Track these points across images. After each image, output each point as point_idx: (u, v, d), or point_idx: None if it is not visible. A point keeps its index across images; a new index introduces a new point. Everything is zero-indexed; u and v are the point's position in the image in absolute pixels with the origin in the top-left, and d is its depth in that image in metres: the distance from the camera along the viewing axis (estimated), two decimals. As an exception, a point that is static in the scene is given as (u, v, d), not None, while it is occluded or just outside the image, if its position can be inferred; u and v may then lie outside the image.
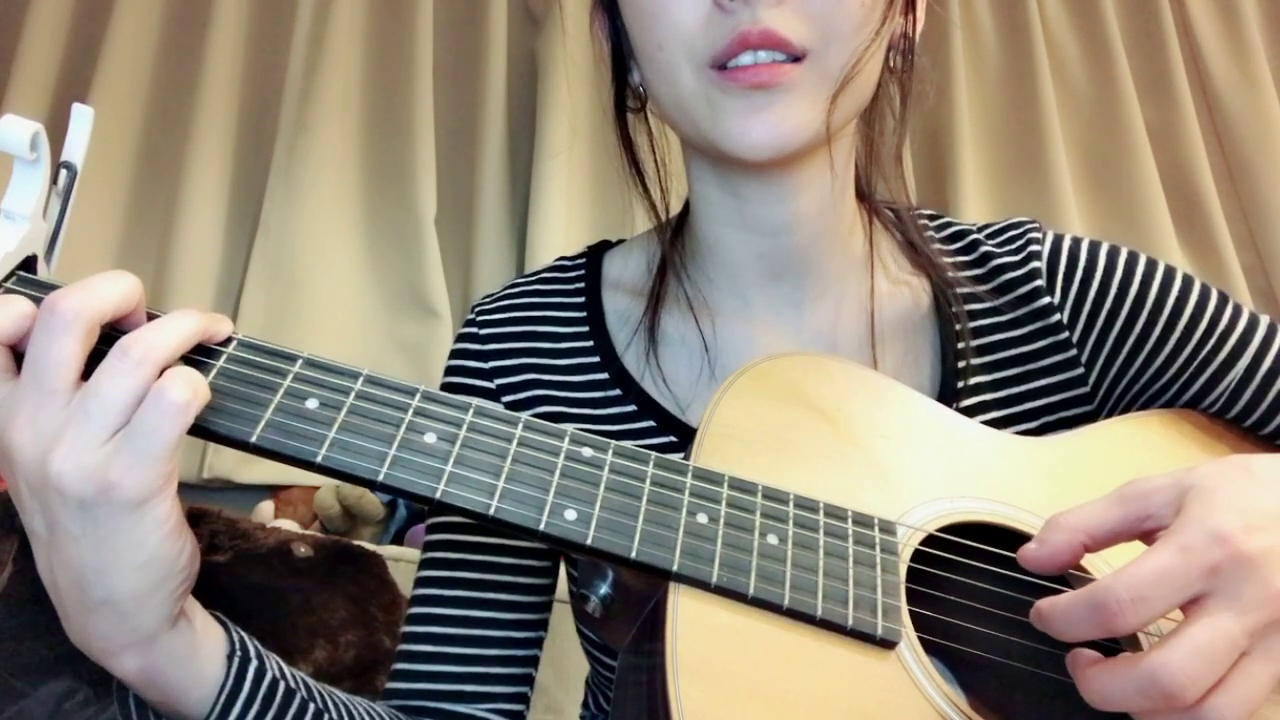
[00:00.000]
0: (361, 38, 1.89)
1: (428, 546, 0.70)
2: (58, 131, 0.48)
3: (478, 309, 0.74)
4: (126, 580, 0.44)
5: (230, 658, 0.51)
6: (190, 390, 0.43)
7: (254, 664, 0.52)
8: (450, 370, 0.73)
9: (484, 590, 0.67)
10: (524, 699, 0.67)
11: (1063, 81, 2.12)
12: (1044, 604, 0.46)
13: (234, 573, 1.09)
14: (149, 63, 1.80)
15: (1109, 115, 2.08)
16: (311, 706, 0.54)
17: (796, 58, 0.57)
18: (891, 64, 0.65)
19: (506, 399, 0.69)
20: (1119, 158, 2.06)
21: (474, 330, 0.72)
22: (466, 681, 0.65)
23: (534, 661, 0.69)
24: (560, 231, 1.82)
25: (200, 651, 0.49)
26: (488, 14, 1.92)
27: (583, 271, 0.75)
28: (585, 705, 0.80)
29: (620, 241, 0.78)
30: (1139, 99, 2.09)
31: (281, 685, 0.53)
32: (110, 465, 0.42)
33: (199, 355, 0.46)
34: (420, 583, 0.69)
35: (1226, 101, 2.12)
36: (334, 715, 0.56)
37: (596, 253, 0.76)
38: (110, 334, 0.45)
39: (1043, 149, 2.03)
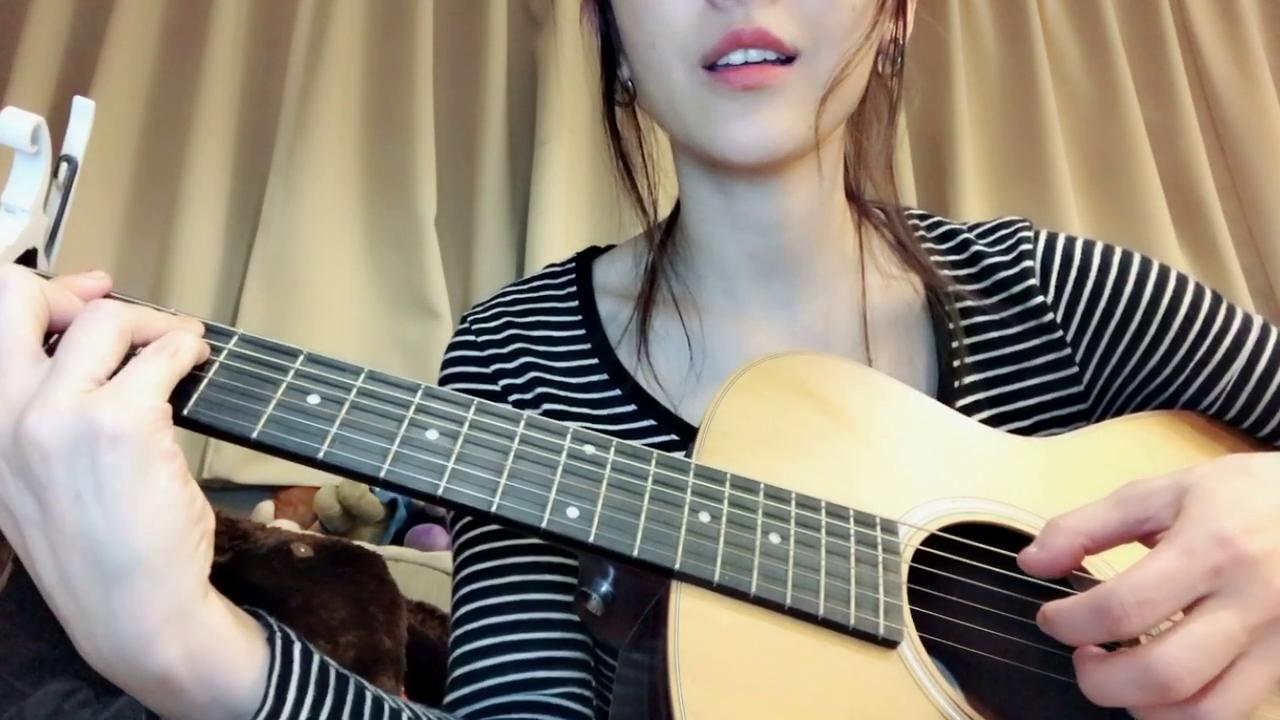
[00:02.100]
0: (361, 38, 1.89)
1: (464, 545, 0.67)
2: (59, 129, 0.48)
3: (470, 317, 0.73)
4: (146, 531, 0.40)
5: (270, 641, 0.46)
6: (186, 341, 0.43)
7: (298, 645, 0.47)
8: (449, 379, 0.71)
9: (535, 573, 0.64)
10: (589, 684, 0.64)
11: (1063, 81, 2.12)
12: (1049, 608, 0.46)
13: (234, 573, 1.09)
14: (149, 62, 1.80)
15: (1109, 115, 2.08)
16: (369, 694, 0.50)
17: (788, 58, 0.58)
18: (880, 68, 0.65)
19: (514, 398, 0.69)
20: (1119, 158, 2.06)
21: (470, 338, 0.72)
22: (536, 668, 0.62)
23: (590, 647, 0.66)
24: (560, 231, 1.82)
25: (238, 633, 0.44)
26: (488, 14, 1.92)
27: (573, 276, 0.75)
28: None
29: (610, 247, 0.78)
30: (1139, 99, 2.09)
31: (333, 669, 0.49)
32: (92, 404, 0.39)
33: None
34: (465, 580, 0.66)
35: (1226, 101, 2.12)
36: (393, 704, 0.51)
37: (585, 259, 0.77)
38: None
39: (1043, 149, 2.03)
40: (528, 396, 0.69)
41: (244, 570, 1.09)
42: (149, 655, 0.41)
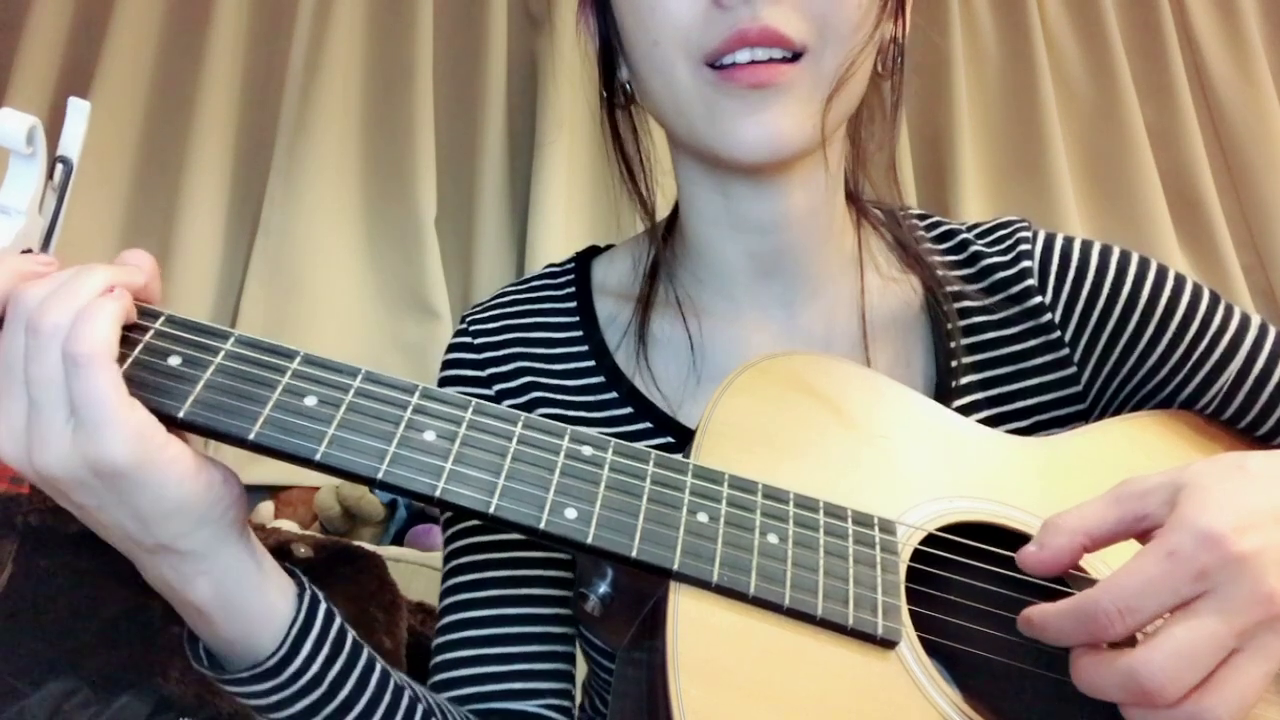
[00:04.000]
0: (361, 38, 1.89)
1: (451, 554, 0.68)
2: (59, 130, 0.48)
3: (468, 318, 0.73)
4: (167, 527, 0.45)
5: (300, 596, 0.52)
6: (87, 341, 0.42)
7: (323, 606, 0.52)
8: (446, 380, 0.72)
9: (516, 586, 0.65)
10: (569, 695, 0.65)
11: (1063, 81, 2.12)
12: (1033, 612, 0.46)
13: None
14: (149, 61, 1.80)
15: (1109, 115, 2.08)
16: (379, 664, 0.54)
17: (795, 54, 0.58)
18: (879, 69, 0.65)
19: (507, 403, 0.69)
20: (1119, 158, 2.06)
21: (467, 340, 0.72)
22: (513, 680, 0.63)
23: (572, 657, 0.67)
24: (560, 231, 1.82)
25: (270, 582, 0.50)
26: (488, 14, 1.92)
27: (572, 277, 0.75)
28: (581, 708, 0.80)
29: (609, 247, 0.78)
30: (1139, 99, 2.09)
31: (350, 635, 0.54)
32: (82, 444, 0.42)
33: (194, 351, 0.46)
34: (450, 590, 0.67)
35: (1226, 102, 2.12)
36: (399, 679, 0.55)
37: (584, 259, 0.76)
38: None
39: (1043, 149, 2.03)
40: (521, 400, 0.69)
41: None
42: (186, 592, 0.48)
